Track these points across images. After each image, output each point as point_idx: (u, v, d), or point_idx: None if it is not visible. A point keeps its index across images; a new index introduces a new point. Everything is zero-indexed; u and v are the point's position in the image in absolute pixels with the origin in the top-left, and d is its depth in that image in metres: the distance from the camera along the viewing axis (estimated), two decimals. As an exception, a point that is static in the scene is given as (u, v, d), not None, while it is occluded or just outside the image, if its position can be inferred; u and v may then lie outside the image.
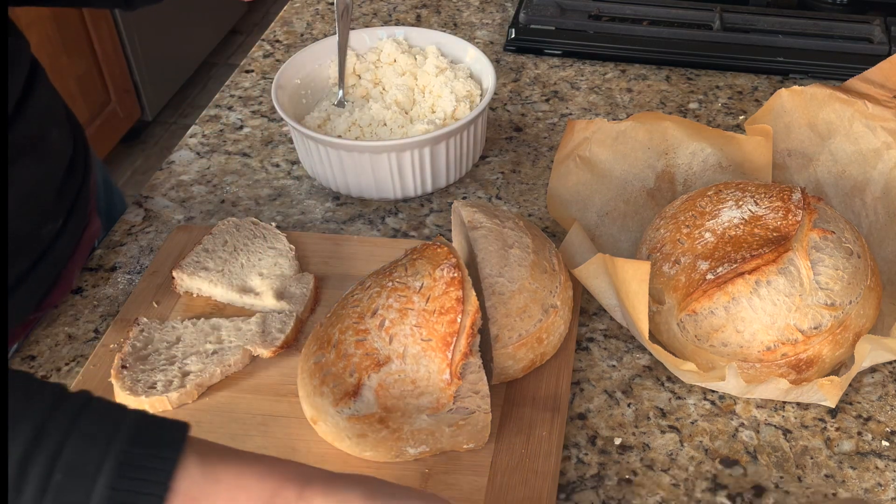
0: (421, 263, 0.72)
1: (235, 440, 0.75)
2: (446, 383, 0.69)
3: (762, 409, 0.80)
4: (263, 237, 0.93)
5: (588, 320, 0.88)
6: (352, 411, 0.69)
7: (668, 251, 0.82)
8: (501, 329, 0.76)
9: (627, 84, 1.22)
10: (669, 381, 0.82)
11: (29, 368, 0.84)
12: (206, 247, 0.91)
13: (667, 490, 0.74)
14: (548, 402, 0.78)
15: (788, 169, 0.96)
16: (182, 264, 0.89)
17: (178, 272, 0.88)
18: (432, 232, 0.99)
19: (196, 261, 0.89)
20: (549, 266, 0.80)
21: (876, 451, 0.77)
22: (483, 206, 0.83)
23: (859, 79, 0.94)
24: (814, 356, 0.77)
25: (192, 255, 0.90)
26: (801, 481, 0.74)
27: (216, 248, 0.91)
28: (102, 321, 0.89)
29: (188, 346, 0.82)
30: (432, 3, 1.40)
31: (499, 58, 1.27)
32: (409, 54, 1.08)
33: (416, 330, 0.69)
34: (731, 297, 0.77)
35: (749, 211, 0.80)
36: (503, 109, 1.17)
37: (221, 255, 0.91)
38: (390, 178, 0.99)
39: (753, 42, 1.25)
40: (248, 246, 0.92)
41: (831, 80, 1.19)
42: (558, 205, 0.93)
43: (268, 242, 0.93)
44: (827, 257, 0.78)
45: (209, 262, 0.90)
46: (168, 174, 1.08)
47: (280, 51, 1.31)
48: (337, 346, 0.71)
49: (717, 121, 1.15)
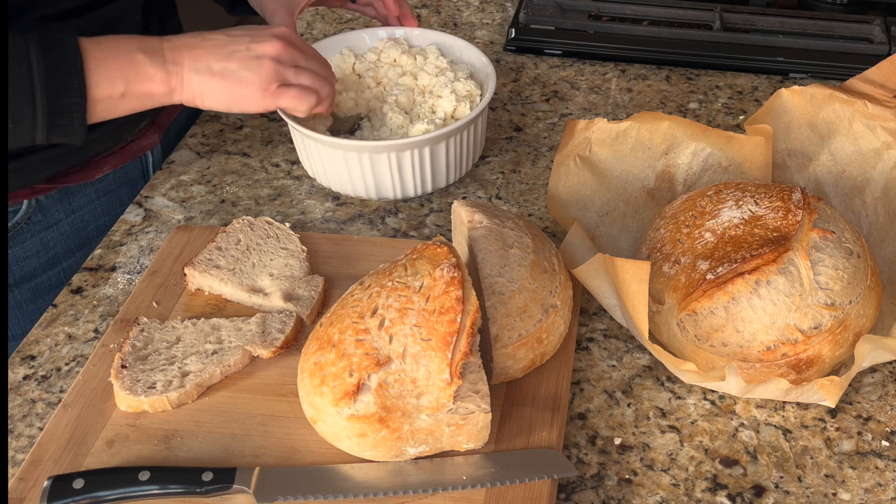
0: (421, 263, 0.72)
1: (235, 440, 0.75)
2: (446, 383, 0.68)
3: (762, 409, 0.80)
4: (276, 237, 0.93)
5: (588, 320, 0.88)
6: (352, 411, 0.69)
7: (668, 251, 0.82)
8: (501, 329, 0.76)
9: (627, 84, 1.22)
10: (669, 381, 0.82)
11: (29, 369, 0.85)
12: (220, 244, 0.92)
13: (667, 490, 0.74)
14: (548, 402, 0.78)
15: (788, 169, 0.96)
16: (194, 261, 0.89)
17: (190, 269, 0.88)
18: (432, 232, 0.99)
19: (208, 258, 0.90)
20: (549, 266, 0.80)
21: (876, 451, 0.77)
22: (483, 206, 0.83)
23: (859, 79, 0.94)
24: (814, 356, 0.77)
25: (204, 253, 0.90)
26: (801, 481, 0.74)
27: (229, 246, 0.92)
28: (102, 321, 0.89)
29: (188, 346, 0.82)
30: (432, 3, 1.40)
31: (499, 58, 1.27)
32: (409, 54, 1.08)
33: (416, 329, 0.69)
34: (731, 297, 0.77)
35: (749, 211, 0.80)
36: (503, 109, 1.17)
37: (234, 253, 0.91)
38: (390, 178, 0.99)
39: (753, 42, 1.25)
40: (260, 246, 0.92)
41: (831, 80, 1.19)
42: (558, 205, 0.93)
43: (280, 243, 0.93)
44: (827, 257, 0.78)
45: (221, 259, 0.90)
46: (168, 174, 1.08)
47: (280, 51, 1.31)
48: (337, 346, 0.71)
49: (717, 121, 1.15)
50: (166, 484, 0.70)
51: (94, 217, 1.10)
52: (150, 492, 0.70)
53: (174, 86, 0.89)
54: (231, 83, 0.89)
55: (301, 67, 0.92)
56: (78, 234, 1.08)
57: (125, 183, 1.12)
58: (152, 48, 0.88)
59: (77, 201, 1.07)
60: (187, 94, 0.90)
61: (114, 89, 0.86)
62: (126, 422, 0.77)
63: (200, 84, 0.89)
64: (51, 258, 1.06)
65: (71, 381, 0.83)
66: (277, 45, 0.90)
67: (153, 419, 0.77)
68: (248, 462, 0.73)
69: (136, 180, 1.14)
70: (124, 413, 0.77)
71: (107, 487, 0.70)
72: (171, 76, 0.88)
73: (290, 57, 0.91)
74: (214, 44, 0.90)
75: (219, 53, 0.89)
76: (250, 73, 0.89)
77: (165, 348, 0.82)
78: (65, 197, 1.05)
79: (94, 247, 1.01)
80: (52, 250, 1.06)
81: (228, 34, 0.92)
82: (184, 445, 0.75)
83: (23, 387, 0.83)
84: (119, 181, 1.11)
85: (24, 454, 0.77)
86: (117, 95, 0.87)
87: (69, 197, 1.06)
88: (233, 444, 0.75)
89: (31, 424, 0.80)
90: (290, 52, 0.91)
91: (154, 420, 0.77)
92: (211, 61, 0.89)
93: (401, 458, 0.73)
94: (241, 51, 0.89)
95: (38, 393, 0.83)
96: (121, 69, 0.86)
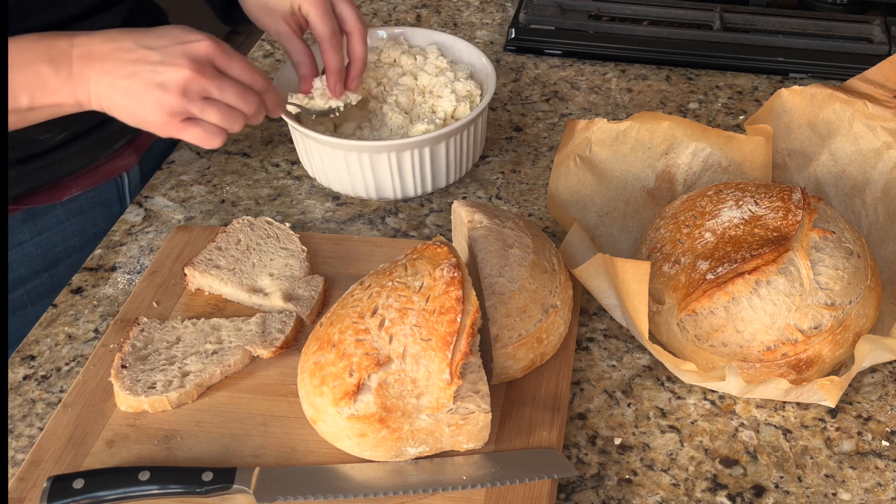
0: (421, 263, 0.72)
1: (236, 440, 0.75)
2: (446, 383, 0.68)
3: (762, 409, 0.80)
4: (276, 237, 0.93)
5: (588, 320, 0.88)
6: (352, 411, 0.69)
7: (668, 251, 0.82)
8: (501, 329, 0.76)
9: (627, 84, 1.22)
10: (669, 381, 0.82)
11: (29, 369, 0.85)
12: (220, 244, 0.91)
13: (667, 490, 0.74)
14: (548, 402, 0.78)
15: (788, 169, 0.96)
16: (194, 261, 0.89)
17: (190, 269, 0.88)
18: (432, 232, 0.99)
19: (208, 258, 0.90)
20: (549, 266, 0.80)
21: (876, 451, 0.77)
22: (483, 206, 0.83)
23: (859, 79, 0.94)
24: (814, 356, 0.77)
25: (204, 253, 0.90)
26: (801, 481, 0.74)
27: (229, 246, 0.92)
28: (102, 321, 0.89)
29: (188, 346, 0.82)
30: (432, 3, 1.40)
31: (499, 58, 1.27)
32: (409, 54, 1.08)
33: (416, 329, 0.69)
34: (731, 297, 0.77)
35: (749, 211, 0.80)
36: (503, 109, 1.17)
37: (234, 253, 0.91)
38: (390, 178, 0.99)
39: (753, 42, 1.25)
40: (260, 245, 0.92)
41: (831, 80, 1.19)
42: (558, 205, 0.93)
43: (280, 243, 0.93)
44: (827, 257, 0.78)
45: (221, 259, 0.90)
46: (168, 174, 1.08)
47: (280, 50, 1.31)
48: (337, 346, 0.71)
49: (717, 121, 1.15)
50: (166, 484, 0.70)
51: (63, 239, 1.06)
52: (150, 492, 0.70)
53: (81, 99, 0.83)
54: (135, 104, 0.82)
55: (211, 99, 0.83)
56: (45, 255, 1.05)
57: (98, 204, 1.08)
58: (60, 56, 0.81)
59: (44, 222, 1.03)
60: (96, 106, 0.84)
61: (17, 103, 0.82)
62: (126, 422, 0.77)
63: (107, 100, 0.83)
64: (14, 280, 1.03)
65: (71, 381, 0.83)
66: (186, 72, 0.80)
67: (153, 419, 0.77)
68: (248, 462, 0.73)
69: (110, 201, 1.10)
70: (124, 413, 0.77)
71: (107, 487, 0.70)
72: (78, 90, 0.82)
73: (200, 87, 0.81)
74: (124, 56, 0.82)
75: (125, 71, 0.81)
76: (152, 100, 0.81)
77: (165, 348, 0.82)
78: (30, 218, 1.02)
79: (60, 269, 0.99)
80: (16, 272, 1.03)
81: (141, 42, 0.82)
82: (184, 445, 0.75)
83: (23, 387, 0.83)
84: (91, 202, 1.08)
85: (24, 454, 0.77)
86: (24, 108, 0.82)
87: (35, 218, 1.02)
88: (233, 444, 0.75)
89: (31, 424, 0.80)
90: (200, 80, 0.81)
91: (154, 420, 0.77)
92: (117, 77, 0.82)
93: (401, 458, 0.73)
94: (147, 71, 0.81)
95: (38, 393, 0.83)
96: (25, 83, 0.81)
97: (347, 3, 0.96)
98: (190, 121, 0.83)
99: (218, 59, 0.83)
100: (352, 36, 0.97)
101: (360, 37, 0.97)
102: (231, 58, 0.84)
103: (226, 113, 0.83)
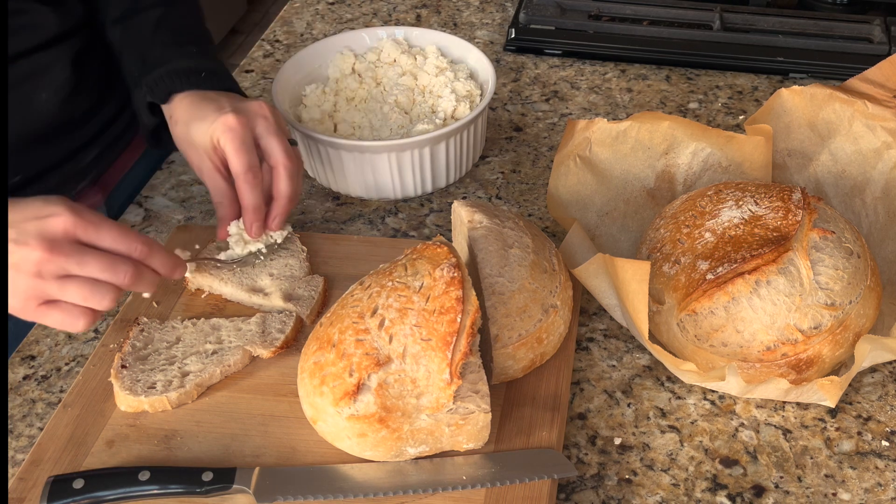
0: (421, 263, 0.72)
1: (235, 440, 0.75)
2: (446, 383, 0.68)
3: (762, 409, 0.80)
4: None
5: (588, 320, 0.88)
6: (352, 411, 0.69)
7: (668, 251, 0.82)
8: (501, 329, 0.76)
9: (627, 84, 1.22)
10: (669, 381, 0.82)
11: (29, 369, 0.85)
12: (220, 244, 0.91)
13: (667, 490, 0.74)
14: (548, 402, 0.78)
15: (788, 169, 0.96)
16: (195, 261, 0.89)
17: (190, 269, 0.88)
18: (432, 232, 0.99)
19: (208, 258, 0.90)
20: (549, 266, 0.80)
21: (876, 451, 0.77)
22: (483, 206, 0.83)
23: (859, 79, 0.94)
24: (814, 356, 0.77)
25: (204, 253, 0.90)
26: (801, 481, 0.74)
27: None
28: (102, 321, 0.89)
29: (188, 346, 0.82)
30: (432, 3, 1.40)
31: (499, 58, 1.27)
32: (409, 54, 1.08)
33: (416, 329, 0.69)
34: (731, 297, 0.77)
35: (749, 211, 0.80)
36: (503, 109, 1.17)
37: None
38: (390, 178, 0.99)
39: (753, 42, 1.25)
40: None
41: (831, 80, 1.19)
42: (558, 205, 0.93)
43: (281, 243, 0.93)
44: (827, 257, 0.78)
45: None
46: (168, 174, 1.08)
47: (280, 51, 1.31)
48: (337, 346, 0.71)
49: (717, 121, 1.15)
50: (166, 484, 0.70)
51: None
52: (150, 492, 0.70)
53: None
54: None
55: (71, 276, 0.72)
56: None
57: None
58: None
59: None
60: None
61: None
62: (126, 422, 0.77)
63: None
64: None
65: (71, 381, 0.83)
66: (38, 252, 0.70)
67: (153, 419, 0.77)
68: (248, 462, 0.73)
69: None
70: (124, 413, 0.77)
71: (107, 487, 0.70)
72: None
73: (56, 267, 0.71)
74: None
75: None
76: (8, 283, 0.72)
77: (165, 348, 0.82)
78: None
79: None
80: None
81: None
82: (184, 445, 0.75)
83: (23, 387, 0.83)
84: None
85: (24, 454, 0.77)
86: None
87: None
88: (233, 444, 0.75)
89: (31, 424, 0.80)
90: (55, 260, 0.71)
91: (154, 420, 0.77)
92: None
93: (401, 458, 0.73)
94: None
95: (38, 393, 0.83)
96: None
97: (274, 135, 0.87)
98: (50, 304, 0.73)
99: (81, 232, 0.73)
100: (276, 171, 0.87)
101: (285, 172, 0.87)
102: (98, 227, 0.73)
103: (90, 289, 0.73)
